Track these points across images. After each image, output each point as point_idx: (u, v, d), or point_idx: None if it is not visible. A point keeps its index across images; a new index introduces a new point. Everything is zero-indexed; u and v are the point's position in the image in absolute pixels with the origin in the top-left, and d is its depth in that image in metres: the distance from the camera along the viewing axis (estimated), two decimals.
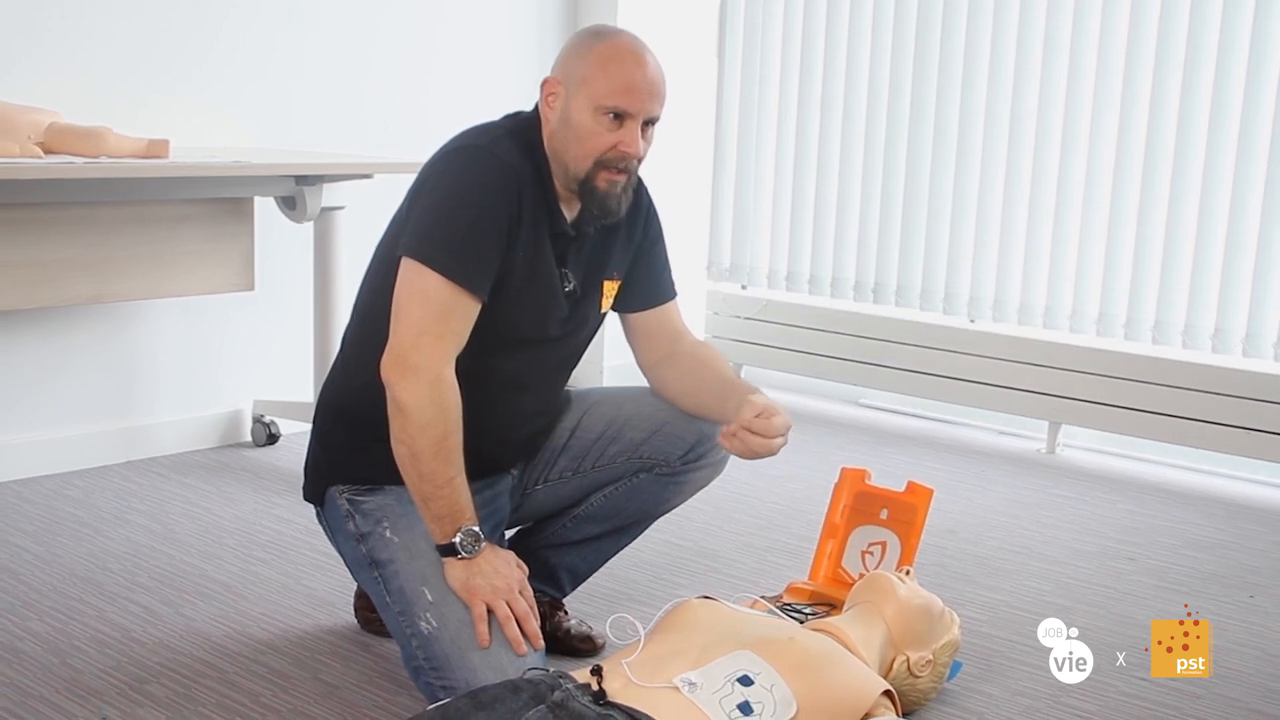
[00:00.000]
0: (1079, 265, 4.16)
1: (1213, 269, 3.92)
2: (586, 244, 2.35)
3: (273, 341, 3.96)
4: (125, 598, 2.75)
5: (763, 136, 4.81)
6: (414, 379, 2.12)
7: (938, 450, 4.21)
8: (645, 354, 2.50)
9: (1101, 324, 4.14)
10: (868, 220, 4.59)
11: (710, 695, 1.93)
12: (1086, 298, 4.15)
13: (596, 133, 2.20)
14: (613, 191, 2.25)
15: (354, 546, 2.31)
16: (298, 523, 3.22)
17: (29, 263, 3.22)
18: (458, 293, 2.15)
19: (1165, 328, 4.01)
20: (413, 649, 2.19)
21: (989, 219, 4.32)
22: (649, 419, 2.46)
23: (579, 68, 2.22)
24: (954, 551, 3.22)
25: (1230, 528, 3.52)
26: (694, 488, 2.52)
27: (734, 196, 4.91)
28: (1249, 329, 3.87)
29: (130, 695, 2.30)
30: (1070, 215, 4.16)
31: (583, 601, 2.68)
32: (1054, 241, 4.20)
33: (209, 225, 3.54)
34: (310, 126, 3.97)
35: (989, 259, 4.34)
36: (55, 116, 3.08)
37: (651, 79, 2.22)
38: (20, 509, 3.26)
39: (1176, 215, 3.96)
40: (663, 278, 2.51)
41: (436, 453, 2.13)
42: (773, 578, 2.95)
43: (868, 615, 2.25)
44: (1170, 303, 4.00)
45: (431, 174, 2.25)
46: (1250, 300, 3.86)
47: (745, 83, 4.83)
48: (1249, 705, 2.42)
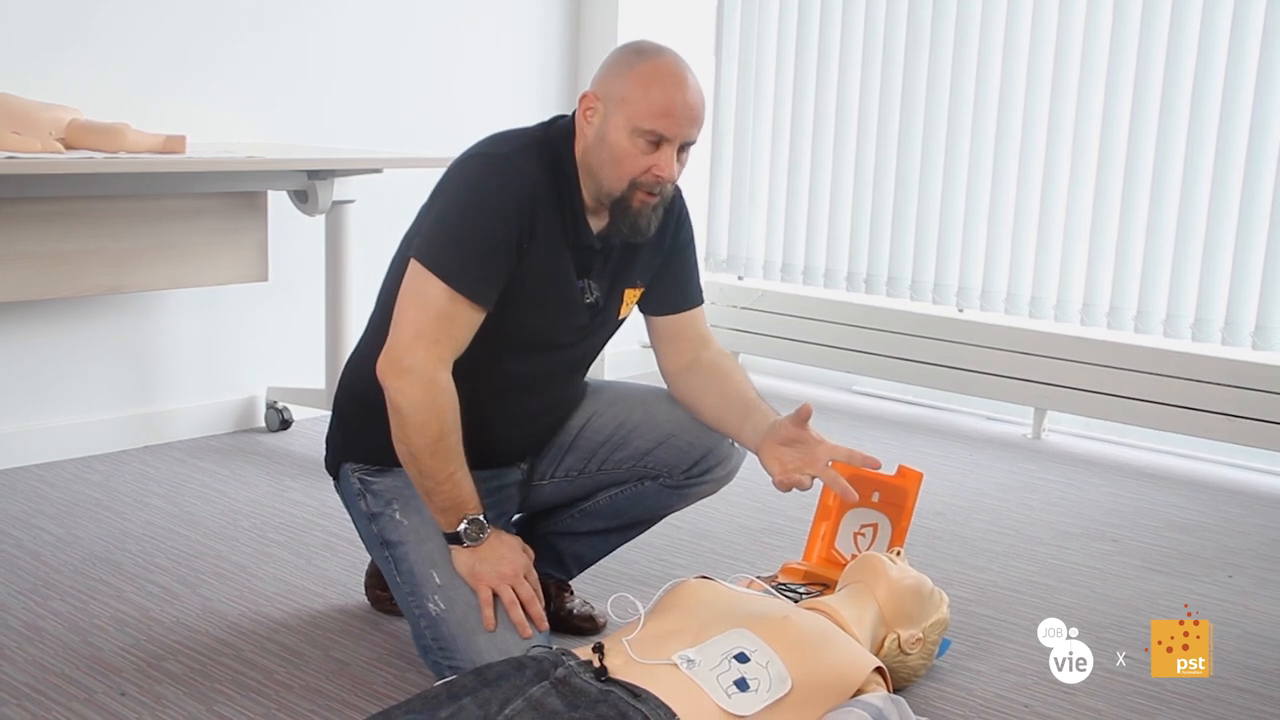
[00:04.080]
0: (1064, 256, 4.16)
1: (1193, 260, 3.92)
2: (614, 255, 2.29)
3: (286, 330, 3.95)
4: (144, 578, 2.74)
5: (758, 133, 4.80)
6: (408, 381, 2.08)
7: (927, 435, 4.20)
8: (669, 359, 2.43)
9: (1086, 313, 4.13)
10: (860, 213, 4.59)
11: (708, 672, 1.92)
12: (1071, 288, 4.15)
13: (632, 155, 2.12)
14: (644, 212, 2.17)
15: (366, 525, 2.30)
16: (310, 505, 3.22)
17: (51, 254, 3.21)
18: (459, 301, 2.10)
19: (1147, 317, 4.01)
20: (421, 628, 2.19)
21: (977, 212, 4.32)
22: (657, 429, 2.40)
23: (619, 86, 2.13)
24: (943, 533, 3.21)
25: (1210, 510, 3.52)
26: (697, 498, 2.48)
27: (730, 190, 4.91)
28: (1228, 318, 3.87)
29: (148, 672, 2.30)
30: (1055, 209, 4.16)
31: (585, 582, 2.67)
32: (1040, 234, 4.20)
33: (224, 218, 3.53)
34: (322, 123, 3.96)
35: (977, 251, 4.33)
36: (76, 113, 3.07)
37: (691, 104, 2.14)
38: (42, 492, 3.26)
39: (1157, 209, 3.96)
40: (691, 283, 2.44)
41: (434, 452, 2.10)
42: (768, 558, 2.95)
43: (860, 595, 2.25)
44: (1152, 293, 4.00)
45: (451, 178, 2.19)
46: (1229, 290, 3.87)
47: (741, 81, 4.82)
48: (1228, 682, 2.42)
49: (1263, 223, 3.79)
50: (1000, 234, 4.28)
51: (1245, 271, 3.83)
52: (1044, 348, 4.19)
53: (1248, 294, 3.83)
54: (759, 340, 4.81)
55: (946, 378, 4.41)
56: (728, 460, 2.43)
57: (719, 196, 4.92)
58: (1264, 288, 3.81)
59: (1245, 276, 3.83)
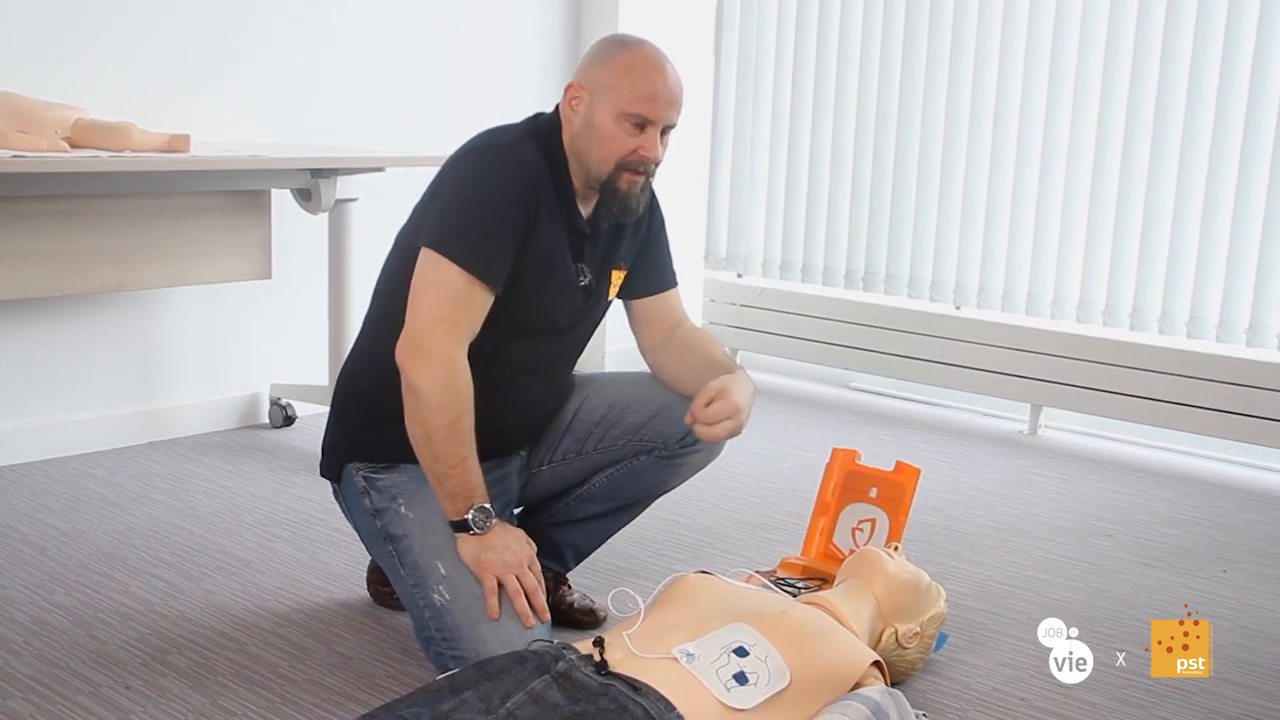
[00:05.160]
0: (1060, 254, 4.15)
1: (1188, 259, 3.91)
2: (602, 239, 2.36)
3: (289, 327, 3.95)
4: (148, 572, 2.74)
5: (757, 132, 4.80)
6: (428, 363, 2.12)
7: (925, 432, 4.20)
8: (646, 339, 2.51)
9: (1082, 311, 4.13)
10: (858, 211, 4.58)
11: (707, 665, 1.92)
12: (1067, 285, 4.15)
13: (618, 137, 2.22)
14: (633, 192, 2.26)
15: (369, 521, 2.30)
16: (313, 500, 3.22)
17: (57, 252, 3.21)
18: (473, 283, 2.15)
19: (1142, 314, 4.01)
20: (425, 620, 2.19)
21: (974, 210, 4.32)
22: (649, 403, 2.46)
23: (603, 75, 2.22)
24: (940, 528, 3.21)
25: (1204, 506, 3.52)
26: (691, 470, 2.51)
27: (730, 189, 4.90)
28: (1222, 316, 3.87)
29: (153, 666, 2.30)
30: (1051, 207, 4.15)
31: (585, 576, 2.68)
32: (1036, 232, 4.19)
33: (228, 216, 3.53)
34: (324, 122, 3.96)
35: (974, 249, 4.33)
36: (81, 112, 3.07)
37: (671, 89, 2.23)
38: (48, 488, 3.26)
39: (1152, 208, 3.96)
40: (665, 266, 2.51)
41: (450, 434, 2.13)
42: (767, 553, 2.95)
43: (858, 589, 2.25)
44: (1147, 291, 3.99)
45: (453, 170, 2.25)
46: (1224, 288, 3.86)
47: (741, 81, 4.82)
48: (1222, 675, 2.41)
49: (1256, 221, 3.79)
50: (997, 232, 4.27)
51: (1239, 269, 3.83)
52: (1040, 345, 4.18)
53: (1242, 291, 3.83)
54: (758, 337, 4.81)
55: (944, 374, 4.41)
56: None
57: (718, 195, 4.92)
58: (1258, 285, 3.80)
59: (1239, 274, 3.83)
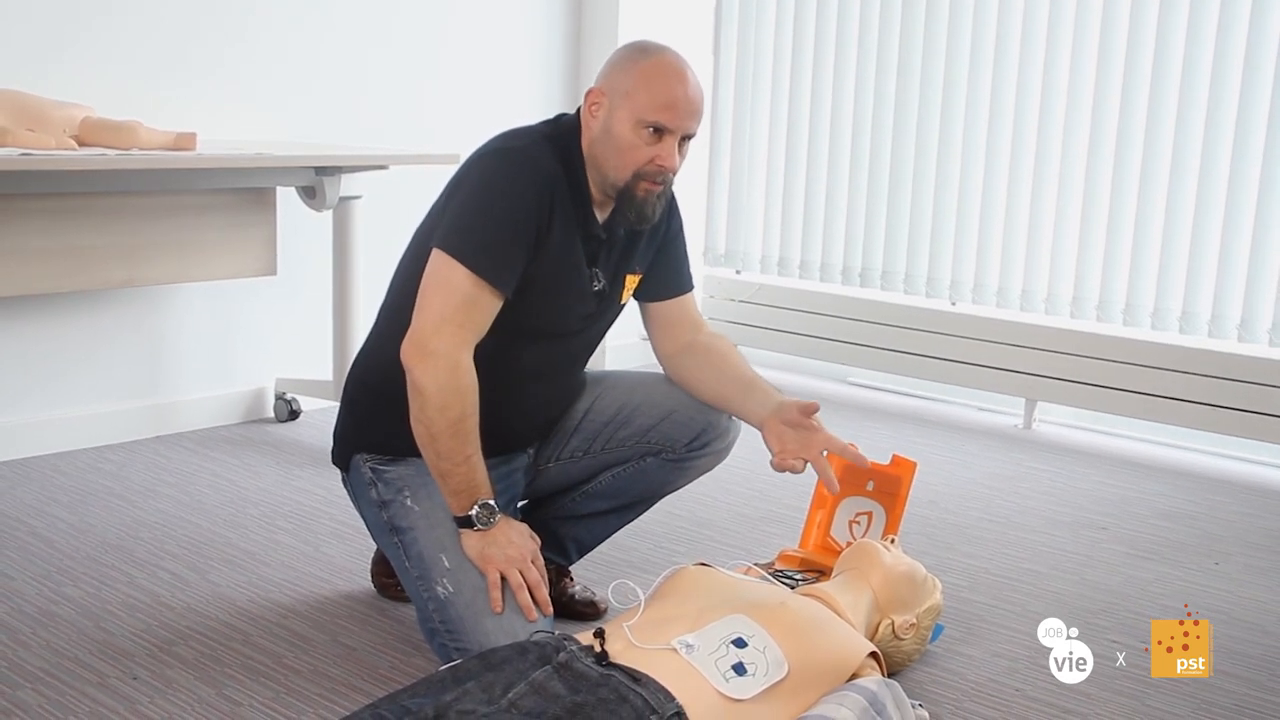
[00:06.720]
0: (1054, 251, 4.15)
1: (1180, 255, 3.91)
2: (617, 244, 2.33)
3: (294, 323, 3.95)
4: (155, 565, 2.74)
5: (756, 130, 4.79)
6: (432, 363, 2.11)
7: (921, 426, 4.20)
8: (664, 343, 2.48)
9: (1075, 306, 4.13)
10: (855, 209, 4.58)
11: (706, 656, 1.92)
12: (1062, 281, 4.14)
13: (636, 145, 2.18)
14: (649, 200, 2.23)
15: (376, 512, 2.30)
16: (318, 494, 3.22)
17: (64, 249, 3.21)
18: (482, 287, 2.13)
19: (1135, 310, 4.00)
20: (429, 612, 2.18)
21: (969, 207, 4.31)
22: (658, 406, 2.44)
23: (623, 81, 2.19)
24: (936, 521, 3.21)
25: (1197, 499, 3.52)
26: (697, 473, 2.50)
27: (729, 186, 4.89)
28: (1214, 311, 3.86)
29: (159, 657, 2.30)
30: (1046, 205, 4.15)
31: (586, 568, 2.67)
32: (1031, 229, 4.19)
33: (234, 213, 3.53)
34: (329, 121, 3.95)
35: (969, 245, 4.33)
36: (89, 111, 3.06)
37: (691, 98, 2.20)
38: (56, 481, 3.26)
39: (1146, 205, 3.96)
40: (683, 270, 2.48)
41: (454, 433, 2.12)
42: (765, 546, 2.95)
43: (855, 581, 2.25)
44: (1140, 286, 3.99)
45: (470, 172, 2.22)
46: (1215, 285, 3.86)
47: (739, 79, 4.81)
48: (1215, 667, 2.40)
49: (1248, 218, 3.78)
50: (992, 229, 4.27)
51: (1231, 266, 3.82)
52: (1035, 340, 4.18)
53: (1233, 288, 3.83)
54: (756, 333, 4.81)
55: (939, 369, 4.40)
56: (726, 434, 2.48)
57: (717, 192, 4.91)
58: (1249, 281, 3.80)
59: (1231, 271, 3.83)
